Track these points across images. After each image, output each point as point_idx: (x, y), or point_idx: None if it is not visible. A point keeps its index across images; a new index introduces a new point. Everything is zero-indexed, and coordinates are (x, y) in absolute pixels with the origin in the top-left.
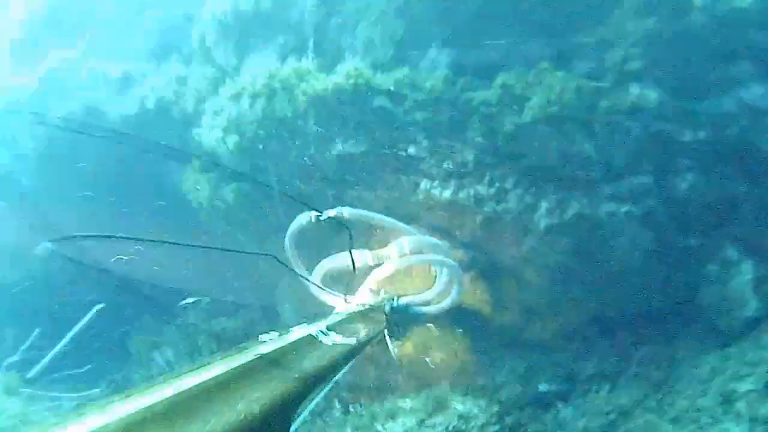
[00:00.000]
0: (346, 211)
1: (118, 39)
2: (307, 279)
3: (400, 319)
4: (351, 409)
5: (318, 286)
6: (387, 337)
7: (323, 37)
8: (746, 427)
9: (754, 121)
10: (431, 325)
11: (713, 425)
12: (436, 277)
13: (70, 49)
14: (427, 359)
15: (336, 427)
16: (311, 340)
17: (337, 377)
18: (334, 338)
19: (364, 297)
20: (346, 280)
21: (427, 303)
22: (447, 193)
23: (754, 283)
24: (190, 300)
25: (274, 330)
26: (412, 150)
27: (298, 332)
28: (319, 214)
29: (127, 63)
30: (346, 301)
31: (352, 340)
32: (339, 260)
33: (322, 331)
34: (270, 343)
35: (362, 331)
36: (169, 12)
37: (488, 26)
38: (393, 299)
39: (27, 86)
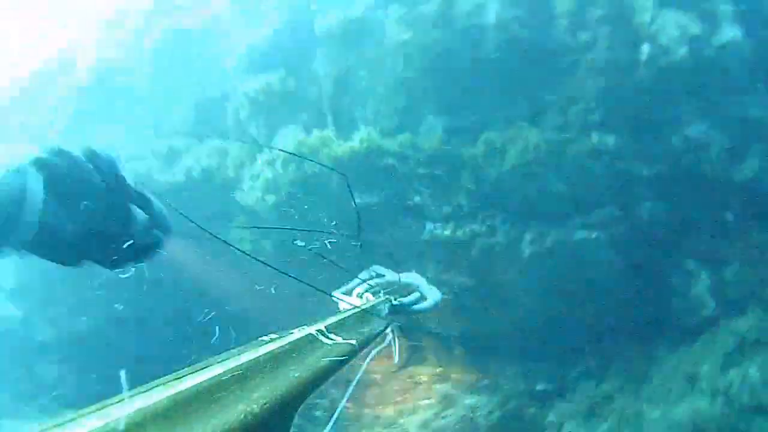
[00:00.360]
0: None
1: (160, 115)
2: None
3: (400, 318)
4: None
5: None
6: (391, 338)
7: (339, 111)
8: (708, 399)
9: (699, 154)
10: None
11: (681, 400)
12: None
13: (116, 124)
14: (437, 370)
15: (366, 426)
16: (312, 340)
17: (354, 383)
18: (335, 339)
19: (359, 299)
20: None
21: (421, 301)
22: (447, 232)
23: (711, 288)
24: None
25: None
26: (417, 199)
27: (298, 333)
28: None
29: (171, 137)
30: (345, 301)
31: (353, 341)
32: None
33: (322, 332)
34: (270, 343)
35: (363, 331)
36: (204, 90)
37: (474, 97)
38: (392, 299)
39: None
